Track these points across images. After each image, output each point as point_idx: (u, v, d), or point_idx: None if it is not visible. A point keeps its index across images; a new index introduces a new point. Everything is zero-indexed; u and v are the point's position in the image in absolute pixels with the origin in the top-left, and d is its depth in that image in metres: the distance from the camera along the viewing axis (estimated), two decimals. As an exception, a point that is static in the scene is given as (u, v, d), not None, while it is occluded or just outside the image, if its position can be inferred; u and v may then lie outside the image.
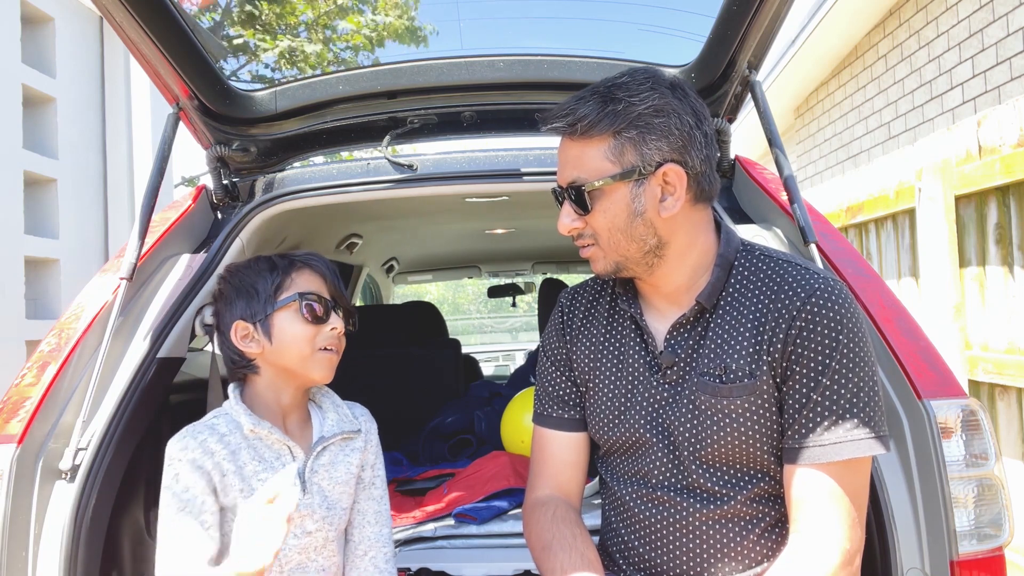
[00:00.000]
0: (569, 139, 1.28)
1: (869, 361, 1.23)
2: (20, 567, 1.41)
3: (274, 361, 1.41)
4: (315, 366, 1.41)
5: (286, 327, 1.40)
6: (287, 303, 1.40)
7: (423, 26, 3.30)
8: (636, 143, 1.23)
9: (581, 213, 1.28)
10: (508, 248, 4.15)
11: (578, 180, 1.26)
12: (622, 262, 1.30)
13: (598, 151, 1.24)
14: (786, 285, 1.26)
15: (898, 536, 1.39)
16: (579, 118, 1.24)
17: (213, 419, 1.40)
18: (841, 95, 7.15)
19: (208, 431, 1.36)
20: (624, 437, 1.36)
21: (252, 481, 1.35)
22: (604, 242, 1.29)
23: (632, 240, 1.27)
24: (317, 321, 1.40)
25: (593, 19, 2.20)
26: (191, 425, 1.38)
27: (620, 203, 1.25)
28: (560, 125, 1.26)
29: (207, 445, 1.34)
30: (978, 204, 3.32)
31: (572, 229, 1.30)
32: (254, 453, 1.37)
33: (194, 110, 1.91)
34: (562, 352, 1.47)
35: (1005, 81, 4.70)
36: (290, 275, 1.43)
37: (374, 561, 1.49)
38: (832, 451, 1.19)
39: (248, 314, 1.41)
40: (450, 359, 3.41)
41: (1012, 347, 3.09)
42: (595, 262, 1.33)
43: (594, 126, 1.23)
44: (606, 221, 1.27)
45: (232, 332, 1.41)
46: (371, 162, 1.99)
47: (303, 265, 1.45)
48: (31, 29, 3.37)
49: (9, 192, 3.11)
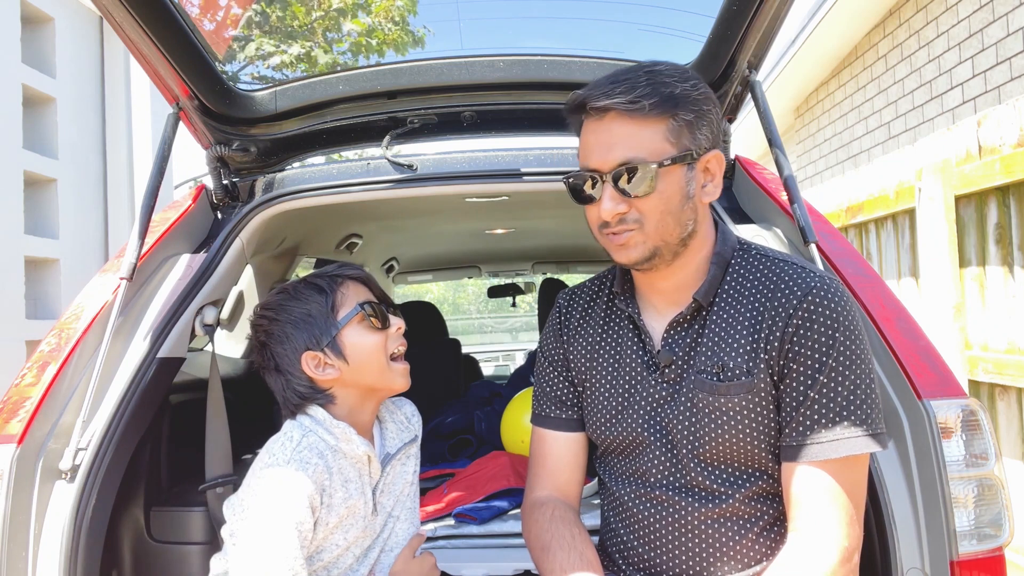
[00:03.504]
0: (620, 118, 1.23)
1: (866, 359, 1.23)
2: (20, 567, 1.41)
3: (355, 381, 1.37)
4: (394, 376, 1.38)
5: (357, 341, 1.36)
6: (351, 317, 1.36)
7: (418, 30, 3.30)
8: (692, 127, 1.24)
9: (628, 195, 1.23)
10: (508, 248, 4.15)
11: (634, 160, 1.22)
12: (660, 248, 1.27)
13: (657, 131, 1.22)
14: (783, 283, 1.26)
15: (898, 536, 1.39)
16: (641, 96, 1.20)
17: (304, 439, 1.31)
18: (841, 95, 7.15)
19: (313, 455, 1.29)
20: (622, 436, 1.36)
21: (340, 509, 1.32)
22: (651, 226, 1.25)
23: (679, 224, 1.26)
24: (385, 326, 1.38)
25: (593, 19, 2.20)
26: (292, 450, 1.29)
27: (676, 185, 1.24)
28: (620, 101, 1.21)
29: (318, 475, 1.28)
30: (978, 204, 3.32)
31: (618, 214, 1.24)
32: (341, 477, 1.33)
33: (194, 110, 1.91)
34: (559, 353, 1.48)
35: (1005, 81, 4.70)
36: (340, 291, 1.39)
37: None
38: (830, 448, 1.19)
39: (313, 342, 1.35)
40: (450, 359, 3.41)
41: (1012, 347, 3.09)
42: (629, 249, 1.27)
43: (658, 106, 1.21)
44: (661, 203, 1.24)
45: (304, 365, 1.35)
46: (371, 162, 1.99)
47: (347, 278, 1.41)
48: (31, 29, 3.37)
49: (9, 192, 3.11)
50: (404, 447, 1.45)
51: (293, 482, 1.25)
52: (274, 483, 1.25)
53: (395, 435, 1.46)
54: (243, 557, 1.21)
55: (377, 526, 1.40)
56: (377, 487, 1.40)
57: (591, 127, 1.27)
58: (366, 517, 1.38)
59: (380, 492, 1.40)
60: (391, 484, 1.44)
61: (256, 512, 1.24)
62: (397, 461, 1.45)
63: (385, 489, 1.42)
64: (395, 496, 1.45)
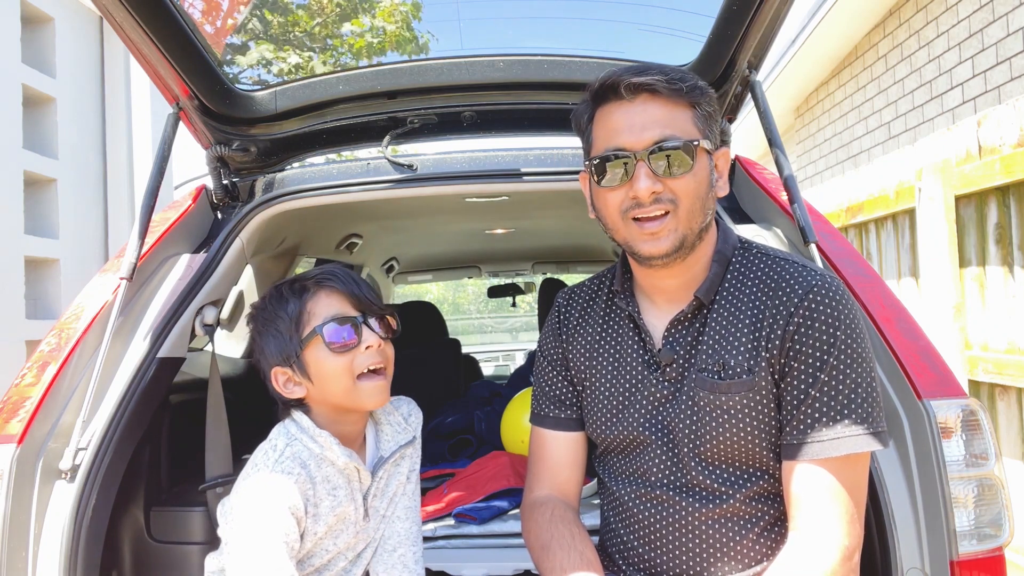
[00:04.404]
0: (653, 99, 1.24)
1: (867, 357, 1.23)
2: (20, 567, 1.41)
3: (322, 399, 1.31)
4: (363, 396, 1.29)
5: (321, 360, 1.28)
6: (311, 339, 1.28)
7: (422, 35, 3.31)
8: (711, 119, 1.28)
9: (663, 175, 1.23)
10: (508, 248, 4.15)
11: (672, 138, 1.22)
12: (687, 236, 1.26)
13: (687, 115, 1.25)
14: (784, 282, 1.26)
15: (898, 536, 1.39)
16: (677, 79, 1.23)
17: (288, 448, 1.28)
18: (841, 95, 7.15)
19: (296, 464, 1.26)
20: (623, 436, 1.36)
21: (328, 517, 1.29)
22: (684, 209, 1.24)
23: (703, 211, 1.27)
24: (346, 349, 1.28)
25: (593, 19, 2.20)
26: (275, 460, 1.26)
27: (706, 169, 1.27)
28: (659, 79, 1.22)
29: (300, 484, 1.24)
30: (978, 204, 3.32)
31: (655, 192, 1.22)
32: (328, 485, 1.30)
33: (194, 110, 1.91)
34: (558, 353, 1.47)
35: (1005, 81, 4.70)
36: (307, 304, 1.30)
37: (403, 559, 1.44)
38: (830, 447, 1.19)
39: (281, 359, 1.30)
40: (450, 359, 3.41)
41: (1012, 347, 3.09)
42: (660, 239, 1.24)
43: (691, 91, 1.24)
44: (695, 185, 1.24)
45: (273, 380, 1.30)
46: (371, 162, 1.99)
47: (317, 287, 1.32)
48: (31, 29, 3.36)
49: (9, 192, 3.10)
50: (399, 450, 1.41)
51: (273, 493, 1.22)
52: (256, 494, 1.23)
53: (391, 437, 1.42)
54: (235, 567, 1.20)
55: (371, 530, 1.38)
56: (369, 492, 1.37)
57: (617, 108, 1.26)
58: (357, 523, 1.36)
59: (373, 497, 1.37)
60: (383, 488, 1.41)
61: (241, 523, 1.22)
62: (391, 463, 1.41)
63: (378, 493, 1.39)
64: (388, 498, 1.42)
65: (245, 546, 1.20)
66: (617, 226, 1.29)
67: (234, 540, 1.22)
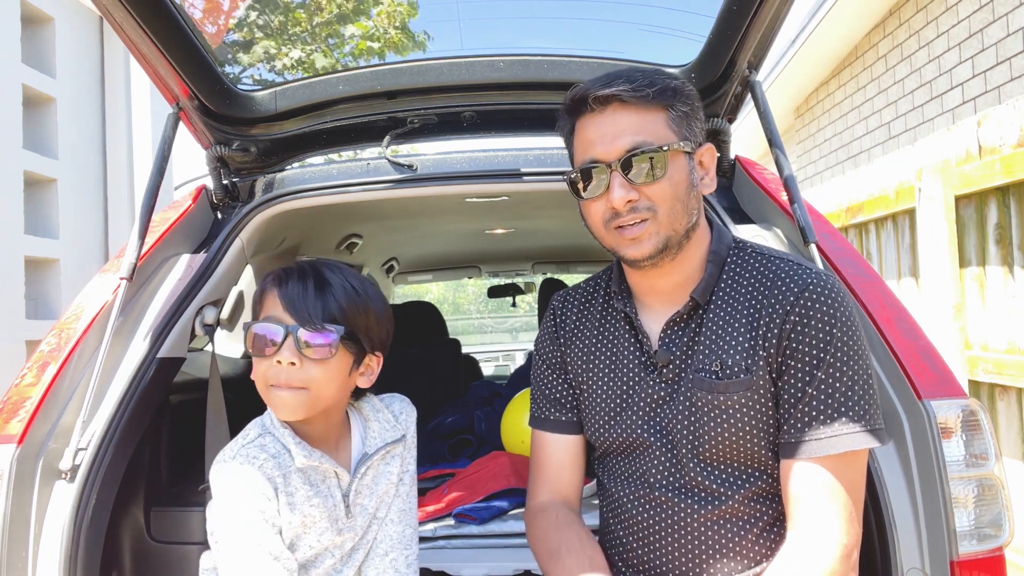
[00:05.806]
0: (623, 108, 1.24)
1: (863, 355, 1.23)
2: (20, 567, 1.41)
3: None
4: (273, 405, 1.26)
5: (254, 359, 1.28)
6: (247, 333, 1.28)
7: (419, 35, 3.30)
8: (689, 118, 1.28)
9: (638, 182, 1.23)
10: (508, 248, 4.15)
11: (642, 145, 1.23)
12: (671, 238, 1.27)
13: (659, 119, 1.25)
14: (779, 280, 1.27)
15: (898, 536, 1.39)
16: (642, 85, 1.23)
17: (259, 438, 1.29)
18: (841, 95, 7.16)
19: (261, 451, 1.27)
20: (621, 438, 1.36)
21: (304, 507, 1.29)
22: (663, 214, 1.25)
23: (686, 212, 1.28)
24: (260, 355, 1.25)
25: (593, 19, 2.20)
26: (239, 447, 1.28)
27: (683, 171, 1.27)
28: (624, 89, 1.23)
29: (266, 470, 1.25)
30: (978, 204, 3.32)
31: (630, 201, 1.24)
32: (304, 478, 1.30)
33: (194, 110, 1.91)
34: (556, 355, 1.47)
35: (1005, 81, 4.70)
36: (262, 300, 1.30)
37: (394, 564, 1.40)
38: (828, 444, 1.19)
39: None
40: (450, 359, 3.41)
41: (1012, 347, 3.09)
42: (642, 242, 1.26)
43: (660, 94, 1.24)
44: (671, 189, 1.25)
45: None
46: (371, 162, 1.99)
47: (271, 285, 1.29)
48: (31, 29, 3.36)
49: (9, 192, 3.10)
50: (385, 447, 1.39)
51: (237, 476, 1.24)
52: (223, 479, 1.26)
53: (378, 435, 1.40)
54: (222, 553, 1.24)
55: (358, 528, 1.36)
56: (351, 489, 1.35)
57: (591, 121, 1.27)
58: (340, 520, 1.34)
59: (356, 494, 1.35)
60: (370, 485, 1.38)
61: (217, 507, 1.26)
62: (378, 460, 1.39)
63: (362, 491, 1.37)
64: (378, 497, 1.39)
65: (225, 527, 1.23)
66: (602, 235, 1.31)
67: (216, 525, 1.26)
